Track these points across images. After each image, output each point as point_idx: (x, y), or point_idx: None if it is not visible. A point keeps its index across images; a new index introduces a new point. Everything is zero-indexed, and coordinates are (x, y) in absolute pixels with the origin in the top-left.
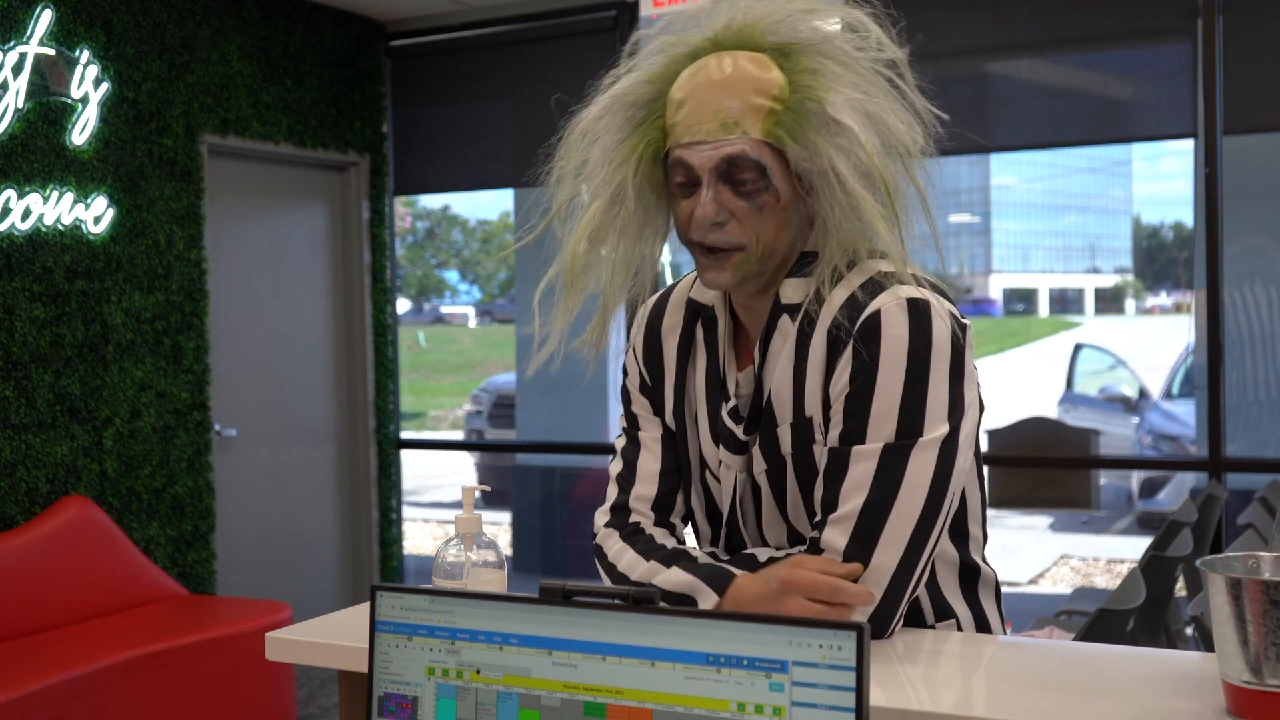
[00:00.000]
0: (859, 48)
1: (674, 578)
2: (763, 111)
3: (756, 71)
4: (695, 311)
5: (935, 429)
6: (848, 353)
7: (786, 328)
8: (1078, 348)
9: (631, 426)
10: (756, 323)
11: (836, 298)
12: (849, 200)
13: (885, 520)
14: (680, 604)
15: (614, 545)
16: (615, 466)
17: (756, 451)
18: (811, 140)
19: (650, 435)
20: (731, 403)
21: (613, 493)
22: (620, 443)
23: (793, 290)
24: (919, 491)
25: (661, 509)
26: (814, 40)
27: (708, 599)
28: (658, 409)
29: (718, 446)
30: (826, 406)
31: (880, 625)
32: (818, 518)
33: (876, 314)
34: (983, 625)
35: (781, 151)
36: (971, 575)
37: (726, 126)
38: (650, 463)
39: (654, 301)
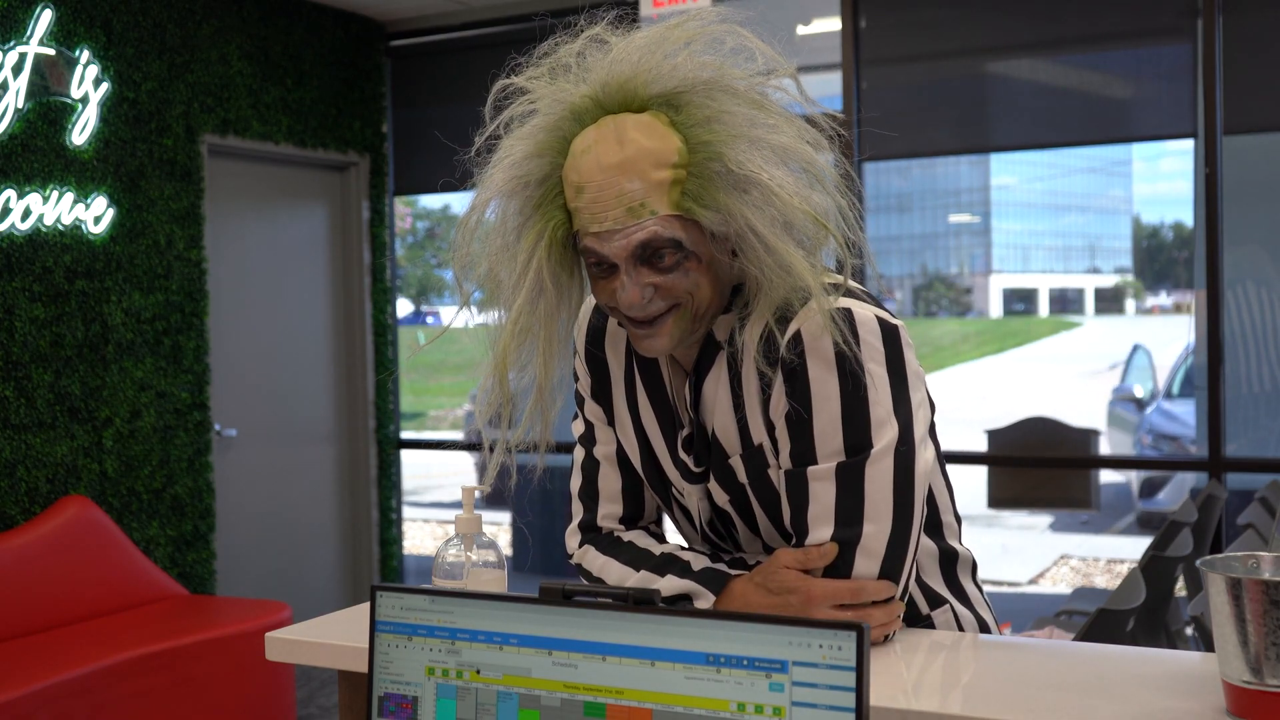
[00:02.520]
0: (751, 72)
1: (668, 585)
2: (666, 185)
3: (651, 143)
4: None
5: (884, 437)
6: (779, 375)
7: (720, 363)
8: (1135, 349)
9: (588, 437)
10: (689, 359)
11: (759, 323)
12: (775, 259)
13: (856, 544)
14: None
15: (596, 560)
16: (576, 482)
17: (715, 485)
18: (722, 203)
19: (606, 451)
20: (686, 430)
21: (579, 512)
22: (579, 455)
23: (723, 326)
24: (884, 505)
25: (631, 522)
26: (700, 82)
27: (705, 600)
28: (610, 418)
29: (678, 471)
30: (772, 429)
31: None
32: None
33: (799, 331)
34: (965, 603)
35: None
36: (950, 559)
37: (633, 211)
38: (612, 480)
39: (592, 304)
